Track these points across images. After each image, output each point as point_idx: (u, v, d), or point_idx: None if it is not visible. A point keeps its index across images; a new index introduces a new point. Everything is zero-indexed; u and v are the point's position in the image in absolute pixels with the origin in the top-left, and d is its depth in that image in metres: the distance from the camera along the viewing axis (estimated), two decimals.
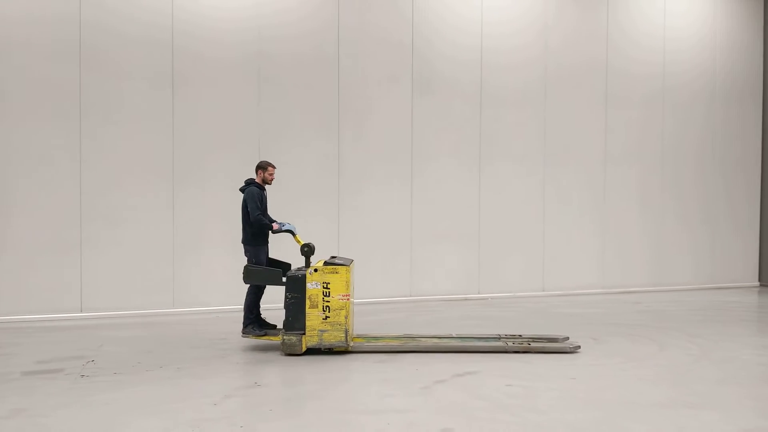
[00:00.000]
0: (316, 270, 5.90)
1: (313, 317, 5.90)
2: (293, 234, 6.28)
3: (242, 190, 6.43)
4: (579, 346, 6.18)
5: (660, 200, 10.31)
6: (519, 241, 9.64)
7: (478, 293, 9.46)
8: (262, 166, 6.48)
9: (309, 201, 8.70)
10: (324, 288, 5.91)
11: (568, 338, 6.52)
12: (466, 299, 9.32)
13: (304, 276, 5.90)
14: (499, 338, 6.41)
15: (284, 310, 5.96)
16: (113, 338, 6.75)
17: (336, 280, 5.92)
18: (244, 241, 6.37)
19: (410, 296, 9.16)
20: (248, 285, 6.29)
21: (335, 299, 5.92)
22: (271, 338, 6.19)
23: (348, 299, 5.96)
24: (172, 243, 8.17)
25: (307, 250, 6.12)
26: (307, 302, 5.90)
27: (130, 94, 8.00)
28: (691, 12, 10.42)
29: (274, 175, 6.60)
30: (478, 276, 9.47)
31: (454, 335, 6.54)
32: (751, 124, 10.72)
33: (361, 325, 7.26)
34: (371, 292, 8.91)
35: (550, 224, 9.78)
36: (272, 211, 7.51)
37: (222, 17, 8.34)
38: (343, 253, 8.74)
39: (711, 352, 6.20)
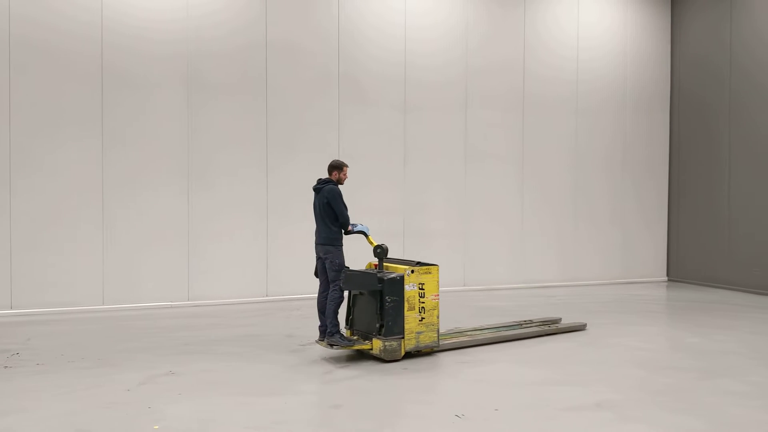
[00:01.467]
0: (413, 271, 5.82)
1: (411, 320, 5.79)
2: (366, 235, 6.12)
3: (318, 189, 6.13)
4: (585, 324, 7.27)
5: (573, 200, 11.03)
6: (444, 239, 10.21)
7: None
8: (338, 166, 6.14)
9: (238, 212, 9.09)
10: (420, 289, 5.85)
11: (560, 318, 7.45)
12: None
13: (403, 278, 5.77)
14: (521, 325, 7.09)
15: (378, 315, 5.74)
16: (42, 333, 7.01)
17: (430, 281, 5.90)
18: (326, 242, 6.02)
19: None
20: (328, 288, 5.97)
21: (429, 299, 5.88)
22: (362, 347, 5.85)
23: (438, 298, 6.00)
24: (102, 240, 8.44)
25: (380, 252, 5.92)
26: (406, 305, 5.77)
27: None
28: (602, 23, 11.18)
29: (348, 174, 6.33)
30: None
31: (487, 326, 7.03)
32: (660, 130, 11.56)
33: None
34: (300, 288, 9.37)
35: (471, 223, 10.39)
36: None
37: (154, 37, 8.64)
38: (267, 253, 9.16)
39: (600, 339, 6.85)
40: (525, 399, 4.80)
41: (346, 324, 6.20)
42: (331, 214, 5.99)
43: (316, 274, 6.25)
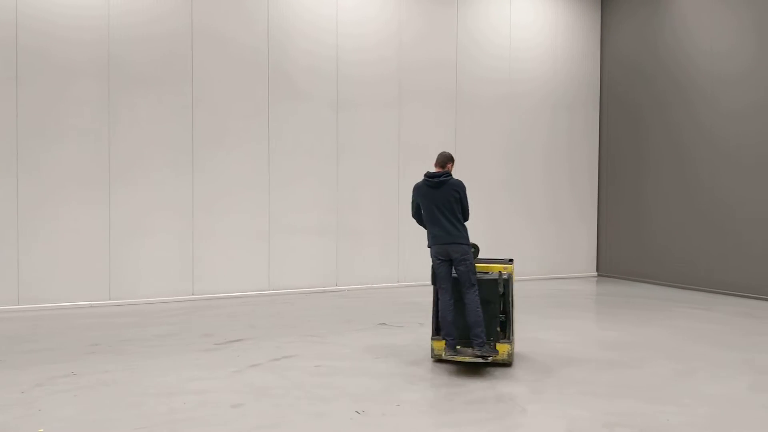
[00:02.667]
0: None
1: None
2: None
3: (441, 183, 5.53)
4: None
5: (508, 197, 11.19)
6: (376, 235, 10.20)
7: (336, 285, 9.94)
8: (453, 159, 5.74)
9: (162, 211, 8.87)
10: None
11: None
12: (324, 291, 9.77)
13: (511, 277, 5.59)
14: None
15: (501, 318, 5.48)
16: None
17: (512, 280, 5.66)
18: (462, 241, 5.48)
19: (269, 290, 9.51)
20: (455, 295, 5.47)
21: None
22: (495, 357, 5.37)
23: None
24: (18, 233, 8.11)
25: (475, 251, 5.63)
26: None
27: None
28: (535, 24, 11.37)
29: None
30: (336, 269, 9.95)
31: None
32: (591, 129, 11.84)
33: (263, 319, 7.52)
34: (229, 287, 9.21)
35: (405, 219, 10.40)
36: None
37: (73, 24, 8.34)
38: (193, 251, 8.98)
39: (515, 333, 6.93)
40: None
41: (437, 331, 5.59)
42: (459, 210, 5.51)
43: (435, 282, 5.62)
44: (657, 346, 6.35)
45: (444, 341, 5.40)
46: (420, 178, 5.78)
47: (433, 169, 5.72)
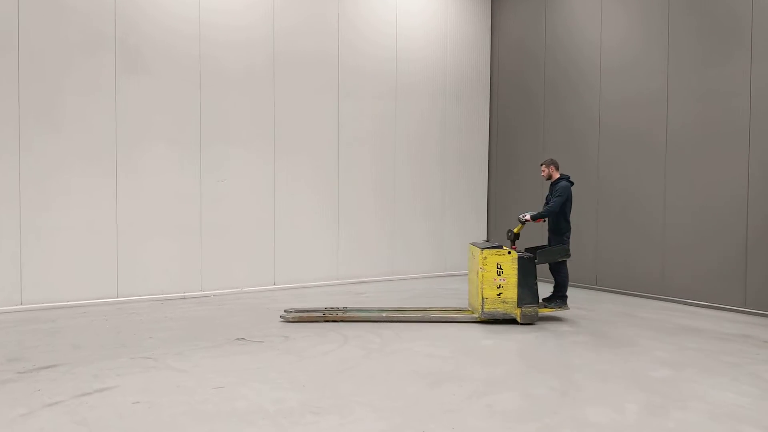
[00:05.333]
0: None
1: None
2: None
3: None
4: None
5: (394, 192, 10.43)
6: (248, 233, 9.10)
7: (201, 290, 8.76)
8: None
9: None
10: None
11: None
12: (184, 298, 8.56)
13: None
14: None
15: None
16: None
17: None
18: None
19: (117, 297, 8.17)
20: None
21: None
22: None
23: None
24: None
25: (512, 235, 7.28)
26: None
27: None
28: (424, 12, 10.64)
29: (542, 172, 7.54)
30: (201, 272, 8.76)
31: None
32: (481, 119, 11.31)
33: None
34: (69, 295, 7.80)
35: (281, 215, 9.38)
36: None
37: None
38: (21, 252, 7.49)
39: (391, 342, 6.13)
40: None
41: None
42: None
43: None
44: (521, 351, 5.74)
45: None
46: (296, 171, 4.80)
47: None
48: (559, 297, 7.28)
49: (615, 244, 9.25)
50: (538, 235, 8.77)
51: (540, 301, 7.15)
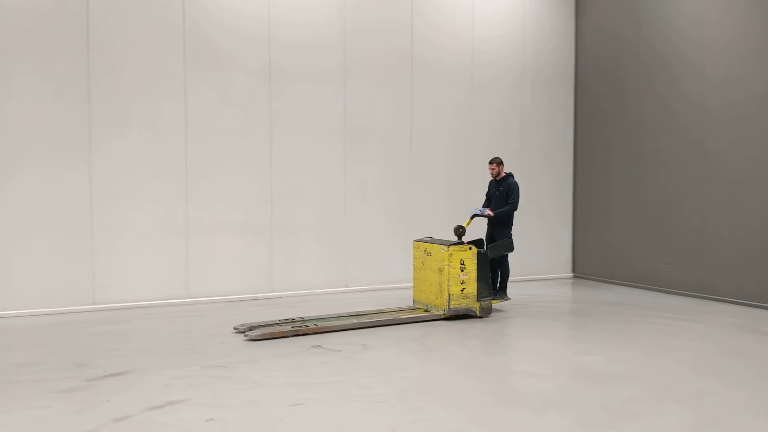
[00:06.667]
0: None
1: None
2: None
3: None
4: None
5: (472, 190, 9.75)
6: (320, 233, 8.68)
7: (272, 291, 8.40)
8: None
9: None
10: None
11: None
12: (255, 299, 8.22)
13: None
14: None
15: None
16: None
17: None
18: None
19: (188, 298, 7.92)
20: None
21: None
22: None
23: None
24: None
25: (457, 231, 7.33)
26: None
27: None
28: None
29: (491, 170, 7.74)
30: (272, 273, 8.39)
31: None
32: (565, 110, 10.46)
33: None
34: (138, 295, 7.61)
35: (352, 215, 8.91)
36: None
37: None
38: (93, 251, 7.32)
39: (477, 358, 5.53)
40: None
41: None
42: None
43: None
44: (649, 378, 4.97)
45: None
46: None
47: None
48: (502, 288, 7.64)
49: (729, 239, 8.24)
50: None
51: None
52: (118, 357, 5.40)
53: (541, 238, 10.24)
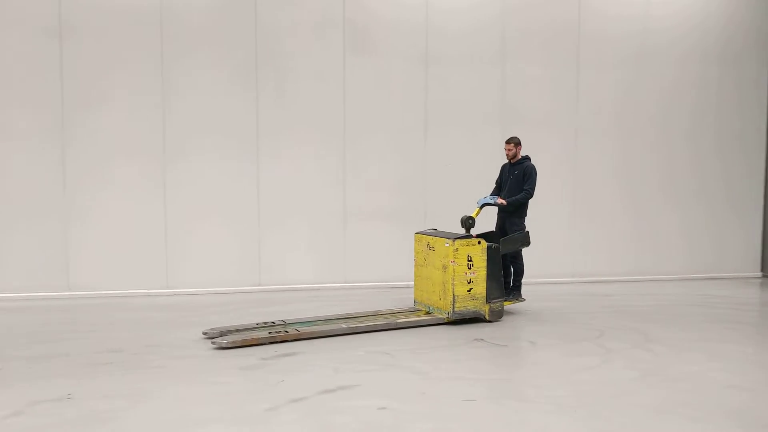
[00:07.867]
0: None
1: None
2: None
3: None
4: None
5: (643, 177, 8.92)
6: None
7: None
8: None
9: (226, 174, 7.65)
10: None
11: None
12: (407, 286, 8.17)
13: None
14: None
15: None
16: None
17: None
18: None
19: (345, 282, 8.08)
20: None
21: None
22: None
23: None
24: None
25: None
26: None
27: None
28: None
29: (507, 150, 6.71)
30: None
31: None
32: (757, 88, 9.17)
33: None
34: (298, 277, 7.88)
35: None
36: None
37: None
38: (259, 239, 7.67)
39: (667, 365, 4.97)
40: None
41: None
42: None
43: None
44: None
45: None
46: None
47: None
48: (515, 287, 6.65)
49: None
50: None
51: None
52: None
53: (713, 235, 9.14)
